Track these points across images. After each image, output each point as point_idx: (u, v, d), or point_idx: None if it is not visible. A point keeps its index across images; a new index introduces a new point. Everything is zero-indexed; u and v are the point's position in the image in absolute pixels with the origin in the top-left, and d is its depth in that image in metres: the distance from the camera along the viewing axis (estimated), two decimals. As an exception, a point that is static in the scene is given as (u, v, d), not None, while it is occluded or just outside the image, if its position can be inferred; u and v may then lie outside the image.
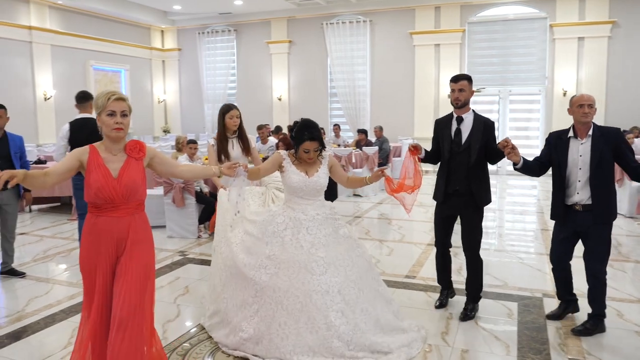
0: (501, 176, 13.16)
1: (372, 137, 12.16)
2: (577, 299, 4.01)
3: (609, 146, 3.53)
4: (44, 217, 8.67)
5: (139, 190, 2.77)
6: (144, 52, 15.94)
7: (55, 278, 5.37)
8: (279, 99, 15.52)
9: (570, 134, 3.68)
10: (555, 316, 3.97)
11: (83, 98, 5.86)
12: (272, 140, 9.59)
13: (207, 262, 5.77)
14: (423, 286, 4.82)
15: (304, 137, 3.34)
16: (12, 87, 11.94)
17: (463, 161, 3.84)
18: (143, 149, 2.83)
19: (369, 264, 3.52)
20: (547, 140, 3.86)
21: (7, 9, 11.81)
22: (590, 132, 3.61)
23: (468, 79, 3.87)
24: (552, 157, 3.75)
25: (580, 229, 3.67)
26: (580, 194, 3.61)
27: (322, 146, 3.42)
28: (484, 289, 4.30)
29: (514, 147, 3.57)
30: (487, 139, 3.84)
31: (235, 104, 18.45)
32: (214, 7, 14.78)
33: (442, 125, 4.02)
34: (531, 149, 12.88)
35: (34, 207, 9.16)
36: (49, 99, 12.67)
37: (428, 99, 13.93)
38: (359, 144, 11.29)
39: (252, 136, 4.97)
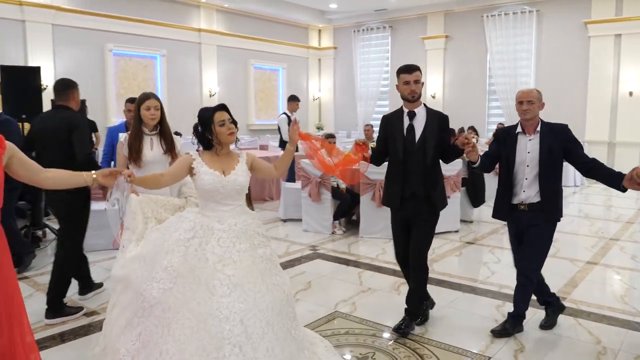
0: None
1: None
2: (558, 297, 3.84)
3: (558, 143, 3.44)
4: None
5: (1, 195, 2.14)
6: (301, 51, 16.44)
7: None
8: (433, 97, 14.92)
9: (519, 129, 3.55)
10: (549, 325, 3.72)
11: (289, 98, 9.77)
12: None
13: (338, 260, 5.66)
14: (574, 311, 4.07)
15: (209, 111, 2.79)
16: (183, 85, 13.10)
17: (419, 161, 3.52)
18: (2, 143, 2.15)
19: (287, 297, 2.78)
20: (494, 135, 3.68)
21: (181, 14, 12.97)
22: (539, 129, 3.49)
23: (420, 69, 3.58)
24: (501, 153, 3.59)
25: (524, 228, 3.53)
26: (527, 192, 3.48)
27: (234, 122, 2.85)
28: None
29: (474, 145, 3.39)
30: (442, 135, 3.56)
31: (387, 102, 18.07)
32: (369, 4, 14.69)
33: (391, 122, 3.66)
34: None
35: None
36: (213, 95, 13.65)
37: (604, 98, 12.26)
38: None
39: (176, 136, 3.98)
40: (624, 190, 3.24)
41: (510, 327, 3.60)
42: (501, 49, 13.59)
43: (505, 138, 3.59)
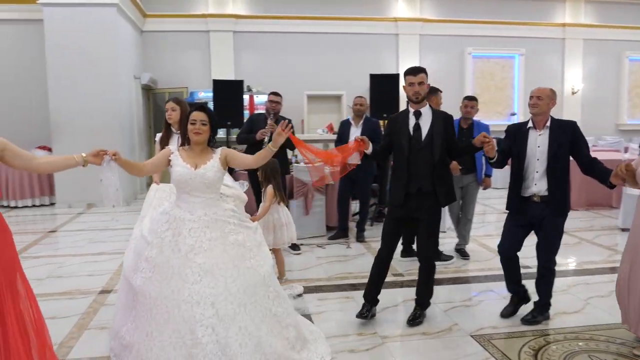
0: None
1: None
2: (526, 290, 4.03)
3: (566, 138, 3.65)
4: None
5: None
6: (697, 36, 13.70)
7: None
8: None
9: (530, 125, 3.79)
10: (510, 313, 3.96)
11: None
12: None
13: None
14: None
15: (191, 109, 3.14)
16: (542, 82, 12.43)
17: (426, 158, 3.75)
18: None
19: (263, 278, 3.01)
20: (506, 132, 3.94)
21: (542, 11, 12.69)
22: (549, 124, 3.71)
23: (425, 71, 3.80)
24: (512, 149, 3.83)
25: (535, 220, 3.75)
26: (538, 185, 3.71)
27: (213, 124, 3.11)
28: None
29: (491, 142, 3.62)
30: (448, 134, 3.81)
31: None
32: None
33: (397, 121, 3.90)
34: None
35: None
36: (576, 92, 12.90)
37: None
38: None
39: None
40: (611, 186, 3.46)
41: (539, 314, 3.83)
42: None
43: (515, 134, 3.83)
